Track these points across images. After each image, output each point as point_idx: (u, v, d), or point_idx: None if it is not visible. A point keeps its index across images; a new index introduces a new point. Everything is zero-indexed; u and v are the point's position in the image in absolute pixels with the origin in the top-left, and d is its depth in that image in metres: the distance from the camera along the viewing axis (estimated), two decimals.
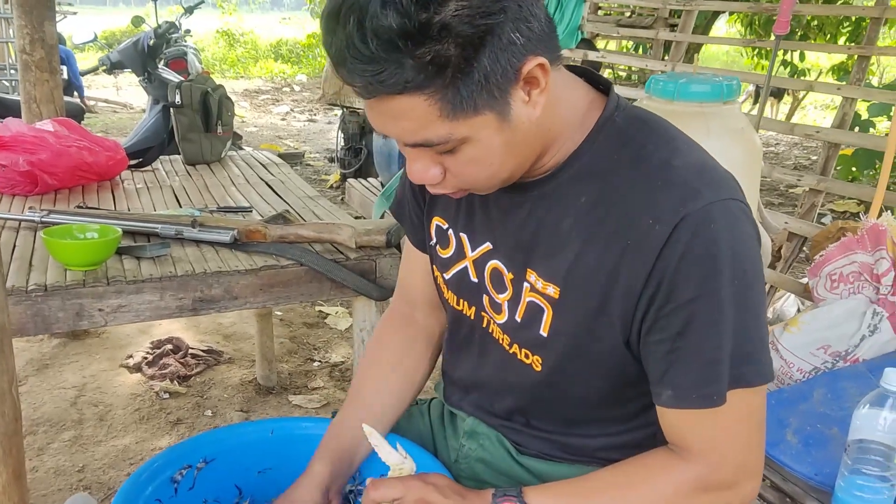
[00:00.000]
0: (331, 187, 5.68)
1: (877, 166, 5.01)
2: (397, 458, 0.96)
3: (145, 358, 2.84)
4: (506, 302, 0.95)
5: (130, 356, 2.87)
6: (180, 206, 1.94)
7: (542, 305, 0.89)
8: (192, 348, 2.95)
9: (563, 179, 0.88)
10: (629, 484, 0.87)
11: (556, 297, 0.88)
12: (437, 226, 1.04)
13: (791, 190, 5.81)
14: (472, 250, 0.98)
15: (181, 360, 2.84)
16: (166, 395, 2.63)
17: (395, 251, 1.64)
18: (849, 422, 1.22)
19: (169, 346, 2.91)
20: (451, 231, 1.01)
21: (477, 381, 1.06)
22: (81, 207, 1.81)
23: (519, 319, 0.93)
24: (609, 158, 0.85)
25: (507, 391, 1.01)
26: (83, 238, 1.47)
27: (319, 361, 3.01)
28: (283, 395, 2.70)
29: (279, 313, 3.39)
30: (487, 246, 0.96)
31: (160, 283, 1.44)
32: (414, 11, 0.68)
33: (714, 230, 0.78)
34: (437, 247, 1.04)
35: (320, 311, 3.48)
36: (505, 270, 0.94)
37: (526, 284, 0.91)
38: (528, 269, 0.91)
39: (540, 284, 0.89)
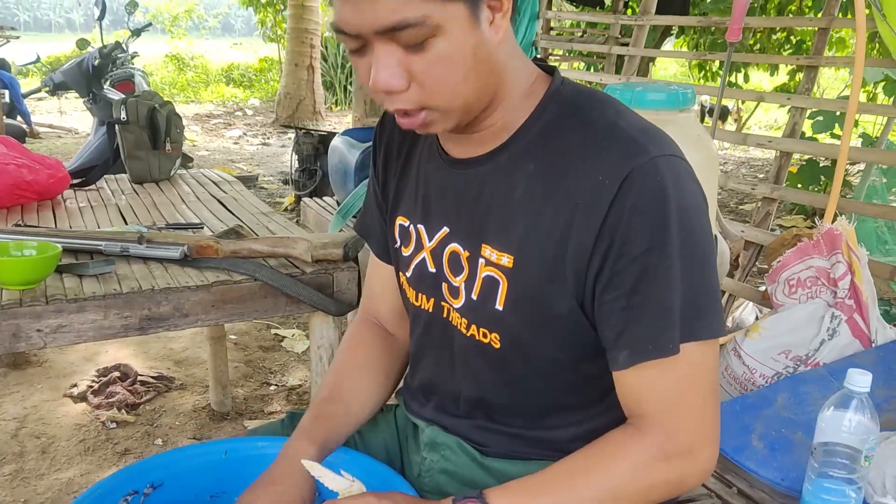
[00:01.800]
0: (286, 209, 5.61)
1: (822, 181, 5.16)
2: (344, 484, 0.94)
3: (91, 386, 2.72)
4: (462, 283, 0.94)
5: (75, 385, 2.75)
6: (126, 224, 1.87)
7: (498, 277, 0.90)
8: (141, 375, 2.84)
9: (513, 150, 0.90)
10: (590, 467, 0.86)
11: (511, 266, 0.88)
12: (400, 225, 1.04)
13: (741, 206, 5.93)
14: (430, 240, 0.98)
15: (129, 388, 2.73)
16: (113, 425, 2.52)
17: (352, 265, 1.60)
18: (812, 426, 1.21)
19: (116, 374, 2.80)
20: (411, 226, 1.02)
21: (438, 380, 1.04)
22: (20, 226, 1.72)
23: (475, 297, 0.93)
24: (557, 126, 0.88)
25: (468, 381, 0.99)
26: (20, 255, 1.39)
27: (276, 385, 2.92)
28: (238, 421, 2.62)
29: (233, 337, 3.30)
30: (444, 231, 0.96)
31: (104, 302, 1.37)
32: None
33: (660, 182, 0.80)
34: (401, 247, 1.04)
35: (276, 333, 3.40)
36: (461, 250, 0.94)
37: (481, 260, 0.92)
38: (483, 245, 0.91)
39: (494, 256, 0.90)
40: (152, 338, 3.24)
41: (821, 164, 4.73)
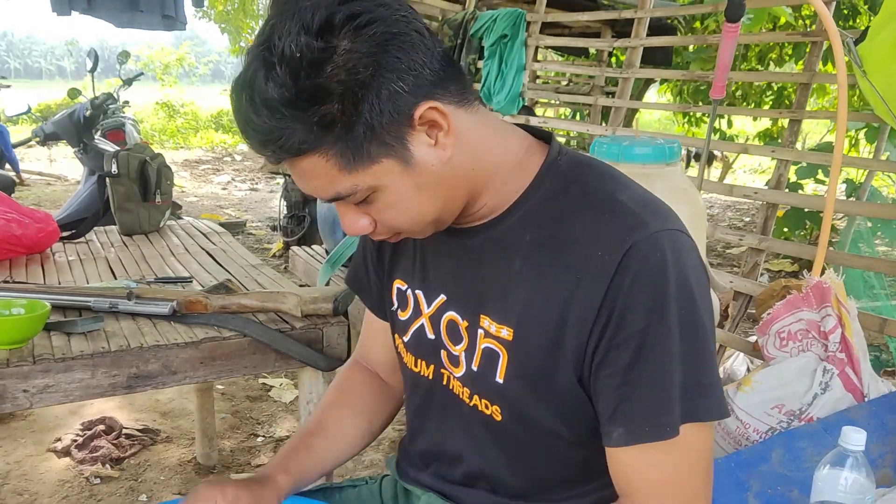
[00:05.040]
0: (273, 256, 5.60)
1: (807, 226, 5.21)
2: None
3: (75, 440, 2.67)
4: (462, 353, 0.93)
5: (59, 439, 2.70)
6: (115, 279, 1.85)
7: (497, 350, 0.89)
8: (126, 428, 2.79)
9: (510, 223, 0.89)
10: None
11: (510, 339, 0.87)
12: (398, 288, 1.03)
13: (728, 251, 5.98)
14: (428, 306, 0.97)
15: (114, 442, 2.68)
16: (97, 480, 2.47)
17: (342, 319, 1.59)
18: (808, 483, 1.20)
19: (101, 427, 2.75)
20: (409, 291, 1.01)
21: (439, 448, 1.02)
22: (8, 282, 1.71)
23: (475, 368, 0.92)
24: (555, 198, 0.87)
25: (471, 451, 0.97)
26: (8, 314, 1.37)
27: (263, 437, 2.88)
28: (224, 475, 2.57)
29: (220, 387, 3.26)
30: (442, 298, 0.96)
31: (91, 360, 1.35)
32: (290, 80, 0.74)
33: (660, 258, 0.79)
34: (398, 311, 1.03)
35: (264, 383, 3.36)
36: (459, 319, 0.93)
37: (480, 331, 0.90)
38: (482, 315, 0.90)
39: (493, 328, 0.89)
40: None
41: (806, 210, 4.78)
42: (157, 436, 2.80)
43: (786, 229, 5.20)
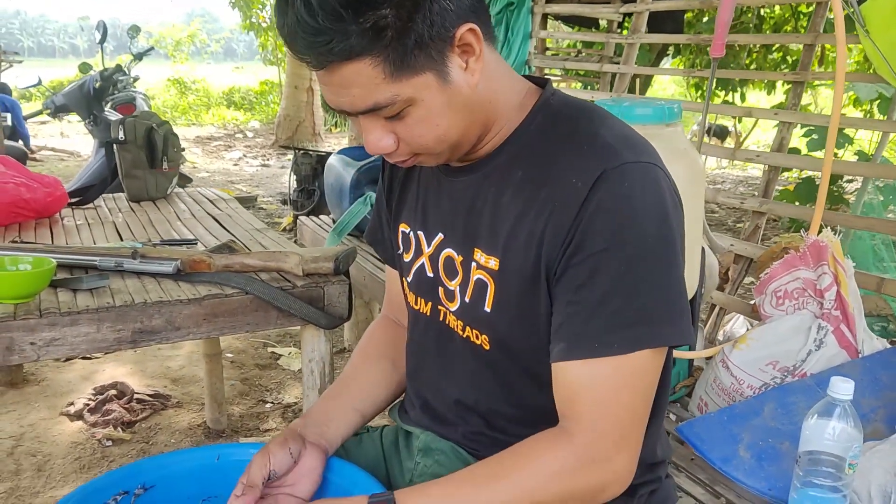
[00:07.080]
0: (284, 230, 5.63)
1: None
2: None
3: (87, 405, 2.73)
4: (457, 287, 0.97)
5: (72, 403, 2.76)
6: (122, 241, 1.89)
7: (486, 280, 0.93)
8: (138, 393, 2.85)
9: (502, 158, 0.93)
10: (507, 470, 0.85)
11: (497, 268, 0.91)
12: (402, 232, 1.08)
13: (738, 225, 5.95)
14: (428, 245, 1.02)
15: (126, 406, 2.74)
16: (109, 443, 2.52)
17: (343, 278, 1.61)
18: (799, 435, 1.22)
19: (113, 392, 2.80)
20: (411, 233, 1.06)
21: (435, 385, 1.06)
22: (16, 242, 1.74)
23: (468, 300, 0.96)
24: (544, 135, 0.91)
25: (465, 384, 1.01)
26: (15, 270, 1.41)
27: (272, 403, 2.93)
28: (233, 439, 2.62)
29: (230, 355, 3.31)
30: (440, 237, 1.00)
31: (97, 315, 1.38)
32: None
33: (627, 187, 0.82)
34: (403, 253, 1.08)
35: (273, 352, 3.41)
36: (455, 255, 0.97)
37: (473, 264, 0.95)
38: (475, 248, 0.94)
39: (483, 259, 0.93)
40: (149, 356, 3.26)
41: (817, 182, 4.75)
42: (167, 401, 2.86)
43: (797, 203, 5.17)
